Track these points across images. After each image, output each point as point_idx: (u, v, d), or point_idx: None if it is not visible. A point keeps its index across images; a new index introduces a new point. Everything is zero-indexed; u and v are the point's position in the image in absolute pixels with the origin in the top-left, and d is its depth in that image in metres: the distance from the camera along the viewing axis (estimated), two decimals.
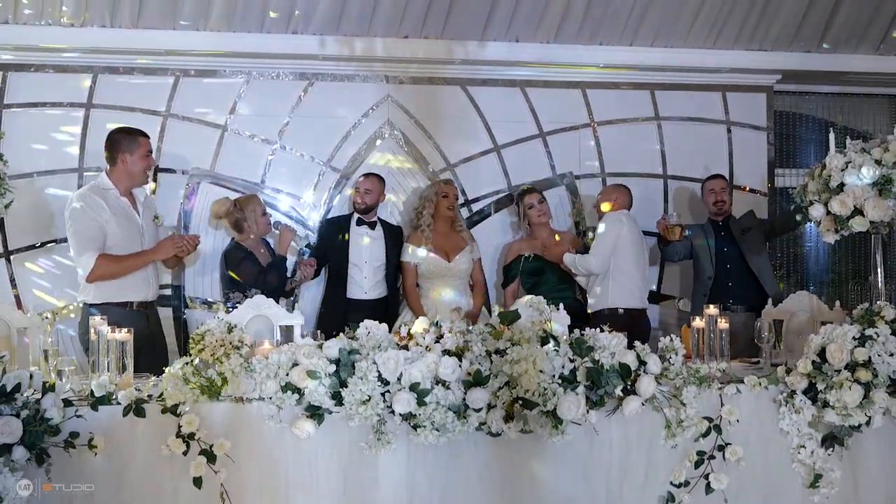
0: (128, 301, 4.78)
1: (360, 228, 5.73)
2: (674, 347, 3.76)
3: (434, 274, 5.66)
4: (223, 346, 3.64)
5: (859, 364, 3.73)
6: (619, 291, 5.53)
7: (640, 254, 5.66)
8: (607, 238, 5.54)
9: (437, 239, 5.72)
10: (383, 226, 5.82)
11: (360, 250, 5.68)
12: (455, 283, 5.70)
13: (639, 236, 5.68)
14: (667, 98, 6.49)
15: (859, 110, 7.13)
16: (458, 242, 5.78)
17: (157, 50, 5.73)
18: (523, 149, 6.33)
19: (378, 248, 5.72)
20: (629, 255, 5.55)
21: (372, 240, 5.71)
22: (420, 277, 5.71)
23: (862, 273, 7.03)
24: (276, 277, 5.27)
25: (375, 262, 5.69)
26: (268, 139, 6.04)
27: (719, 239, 5.90)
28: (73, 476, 3.34)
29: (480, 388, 3.45)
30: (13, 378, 3.25)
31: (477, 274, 5.86)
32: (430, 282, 5.69)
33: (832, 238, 4.48)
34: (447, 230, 5.79)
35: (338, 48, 5.88)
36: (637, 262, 5.60)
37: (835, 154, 4.39)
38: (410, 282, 5.71)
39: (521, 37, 6.03)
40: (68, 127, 5.80)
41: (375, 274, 5.68)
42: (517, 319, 3.70)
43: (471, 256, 5.79)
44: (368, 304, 5.59)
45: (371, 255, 5.68)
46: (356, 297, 5.64)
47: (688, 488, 3.75)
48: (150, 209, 5.03)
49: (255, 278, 5.22)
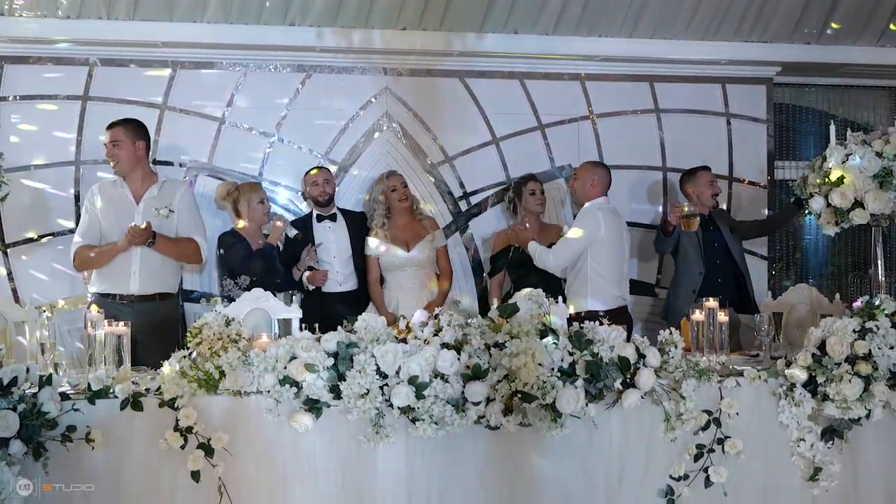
0: (110, 293, 4.83)
1: (321, 224, 5.67)
2: (673, 340, 3.75)
3: (395, 265, 5.60)
4: (221, 339, 3.63)
5: (859, 357, 3.73)
6: (596, 294, 5.20)
7: (620, 250, 5.29)
8: (577, 241, 5.19)
9: (395, 231, 5.64)
10: (344, 215, 5.75)
11: (327, 245, 5.61)
12: (417, 274, 5.63)
13: (617, 231, 5.28)
14: (666, 90, 6.46)
15: (859, 102, 7.11)
16: (419, 231, 5.69)
17: (153, 42, 5.71)
18: (522, 141, 6.31)
19: (342, 239, 5.65)
20: (605, 255, 5.21)
21: (335, 233, 5.66)
22: (383, 270, 5.65)
23: (861, 265, 7.02)
24: (260, 265, 5.27)
25: (343, 255, 5.62)
26: (265, 131, 6.02)
27: (707, 232, 5.64)
28: (71, 470, 3.34)
29: (479, 381, 3.45)
30: (10, 371, 3.25)
31: (442, 262, 5.75)
32: (391, 274, 5.63)
33: (832, 231, 4.47)
34: (407, 220, 5.71)
35: (335, 40, 5.85)
36: (614, 261, 5.25)
37: (835, 146, 4.37)
38: (373, 276, 5.64)
39: (519, 28, 6.00)
40: (65, 119, 5.77)
41: (346, 266, 5.62)
42: (516, 312, 3.69)
43: (432, 245, 5.68)
44: (343, 297, 5.56)
45: (338, 248, 5.63)
46: (331, 291, 5.59)
47: (687, 481, 3.75)
48: (161, 201, 4.93)
49: (239, 263, 5.26)
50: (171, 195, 4.98)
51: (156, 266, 4.89)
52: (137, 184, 4.96)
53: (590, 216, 5.26)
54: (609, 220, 5.24)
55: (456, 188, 6.21)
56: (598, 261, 5.20)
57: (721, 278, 5.54)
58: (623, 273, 5.33)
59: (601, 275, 5.20)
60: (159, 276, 4.93)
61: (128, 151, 4.92)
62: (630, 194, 6.35)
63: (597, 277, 5.20)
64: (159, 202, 4.92)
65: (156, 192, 4.95)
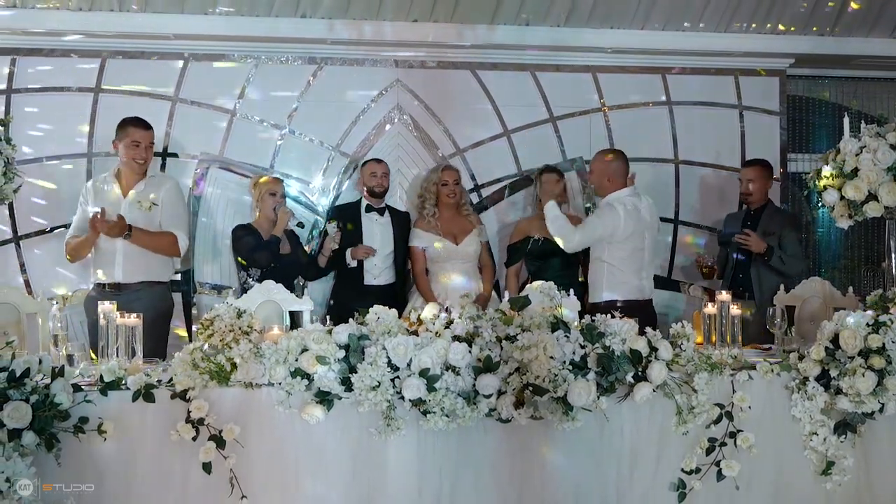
0: (99, 282, 5.07)
1: (370, 215, 5.72)
2: (685, 333, 3.74)
3: (443, 258, 5.65)
4: (232, 331, 3.63)
5: (873, 351, 3.70)
6: (613, 283, 5.14)
7: (639, 241, 5.15)
8: (596, 228, 5.12)
9: (443, 223, 5.71)
10: (391, 212, 5.81)
11: (372, 237, 5.67)
12: (464, 267, 5.69)
13: (637, 222, 5.13)
14: (679, 82, 6.43)
15: (873, 94, 7.06)
16: (465, 226, 5.76)
17: (165, 34, 5.71)
18: (533, 133, 6.29)
19: (387, 234, 5.71)
20: (623, 246, 5.11)
21: (381, 226, 5.71)
22: (429, 262, 5.70)
23: (874, 259, 6.98)
24: (264, 256, 5.31)
25: (385, 250, 5.68)
26: (277, 124, 6.02)
27: (744, 227, 5.66)
28: (82, 461, 3.34)
29: (490, 374, 3.44)
30: (22, 363, 3.26)
31: (485, 257, 5.83)
32: (439, 266, 5.68)
33: (846, 224, 4.44)
34: (453, 214, 5.77)
35: (347, 32, 5.85)
36: (632, 254, 5.14)
37: (849, 139, 4.34)
38: (420, 267, 5.70)
39: (531, 20, 5.98)
40: (77, 112, 5.79)
41: (384, 261, 5.68)
42: (528, 305, 3.69)
43: (479, 239, 5.76)
44: (378, 290, 5.58)
45: (381, 242, 5.68)
46: (366, 283, 5.63)
47: (699, 475, 3.73)
48: (148, 194, 5.09)
49: (246, 254, 5.34)
50: (156, 189, 5.14)
51: (138, 255, 5.04)
52: (130, 180, 5.13)
53: (609, 210, 5.15)
54: (629, 213, 5.12)
55: (467, 181, 6.19)
56: (616, 251, 5.13)
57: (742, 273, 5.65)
58: (643, 264, 5.19)
59: (617, 265, 5.14)
60: (144, 265, 5.08)
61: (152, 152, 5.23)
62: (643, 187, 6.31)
63: (612, 267, 5.15)
64: (144, 196, 5.09)
65: (142, 186, 5.12)
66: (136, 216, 5.02)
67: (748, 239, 5.52)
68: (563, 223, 5.22)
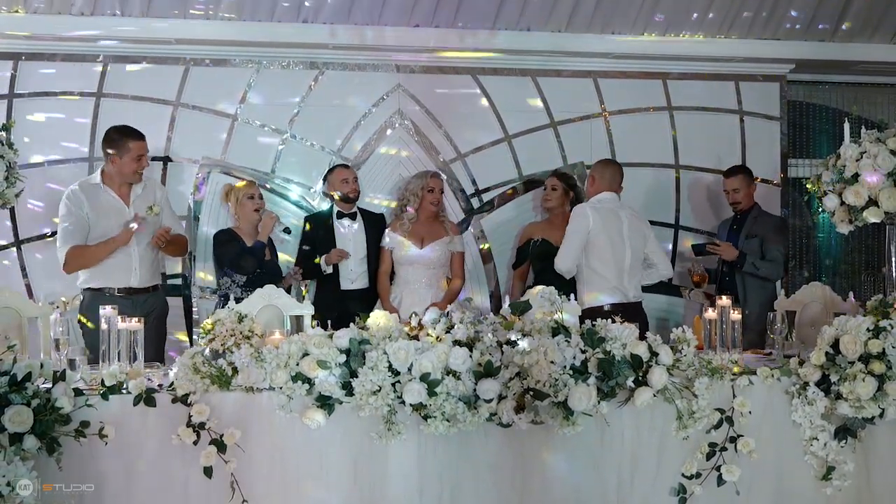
0: (107, 287, 4.96)
1: (341, 221, 5.71)
2: (686, 338, 3.74)
3: (405, 260, 5.63)
4: (233, 335, 3.64)
5: (873, 356, 3.70)
6: (593, 289, 5.13)
7: (618, 245, 5.13)
8: (571, 236, 5.14)
9: (416, 227, 5.68)
10: (363, 215, 5.79)
11: (344, 243, 5.66)
12: (427, 273, 5.64)
13: (613, 225, 5.13)
14: (679, 87, 6.44)
15: (874, 100, 7.06)
16: (437, 232, 5.71)
17: (167, 39, 5.72)
18: (534, 138, 6.30)
19: (360, 239, 5.71)
20: (599, 250, 5.11)
21: (353, 232, 5.70)
22: (395, 264, 5.69)
23: (875, 264, 6.98)
24: (250, 263, 5.29)
25: (359, 254, 5.68)
26: (278, 129, 6.03)
27: (731, 232, 5.79)
28: (83, 466, 3.35)
29: (491, 378, 3.44)
30: (24, 367, 3.26)
31: (456, 265, 5.75)
32: (402, 268, 5.66)
33: (846, 229, 4.44)
34: (429, 220, 5.74)
35: (348, 37, 5.86)
36: (611, 255, 5.11)
37: (849, 144, 4.35)
38: (383, 268, 5.69)
39: (532, 25, 6.00)
40: (79, 116, 5.80)
41: (359, 265, 5.68)
42: (528, 310, 3.69)
43: (448, 247, 5.70)
44: (356, 294, 5.61)
45: (354, 247, 5.67)
46: (343, 288, 5.64)
47: (699, 480, 3.73)
48: (146, 200, 5.05)
49: (230, 261, 5.32)
50: (153, 194, 5.14)
51: (151, 261, 5.10)
52: (122, 187, 5.04)
53: (577, 213, 5.22)
54: (601, 214, 5.13)
55: (468, 185, 6.20)
56: (592, 256, 5.14)
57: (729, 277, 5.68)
58: (625, 268, 5.16)
59: (596, 270, 5.14)
60: (153, 270, 5.14)
61: None
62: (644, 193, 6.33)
63: (590, 274, 5.16)
64: (145, 201, 5.05)
65: (139, 191, 5.07)
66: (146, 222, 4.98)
67: (718, 248, 5.60)
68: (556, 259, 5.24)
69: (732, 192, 5.80)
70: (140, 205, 5.02)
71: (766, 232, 5.69)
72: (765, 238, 5.65)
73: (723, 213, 6.33)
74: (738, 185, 5.79)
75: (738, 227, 5.79)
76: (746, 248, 5.63)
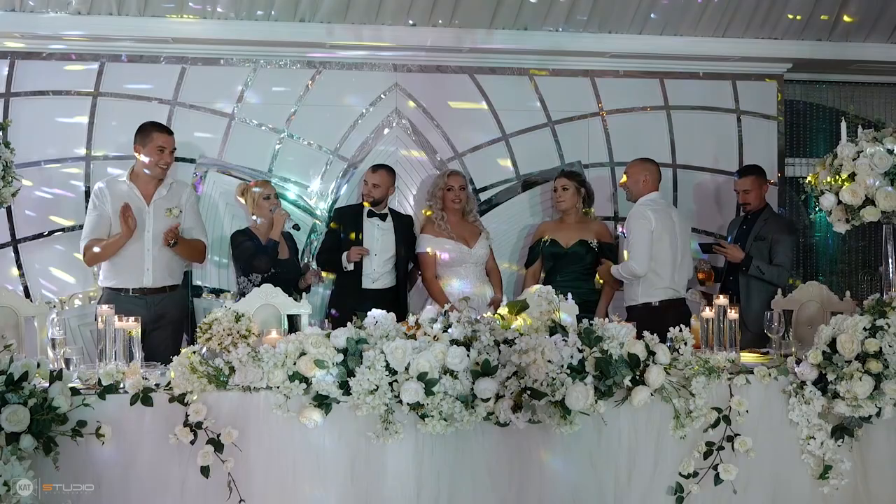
0: (122, 287, 4.99)
1: (370, 220, 5.71)
2: (683, 338, 3.74)
3: (456, 261, 5.63)
4: (231, 335, 3.64)
5: (870, 355, 3.71)
6: (647, 287, 5.24)
7: (670, 243, 5.25)
8: (639, 238, 5.19)
9: (453, 227, 5.70)
10: (393, 216, 5.80)
11: (371, 241, 5.65)
12: (474, 270, 5.69)
13: (666, 225, 5.26)
14: (676, 87, 6.44)
15: (871, 99, 7.07)
16: (474, 230, 5.77)
17: (164, 38, 5.71)
18: (532, 138, 6.30)
19: (388, 239, 5.69)
20: (658, 251, 5.21)
21: (382, 231, 5.69)
22: (439, 267, 5.67)
23: (872, 263, 6.99)
24: (263, 261, 5.28)
25: (386, 254, 5.66)
26: (275, 128, 6.02)
27: (741, 232, 5.75)
28: (80, 465, 3.35)
29: (488, 377, 3.45)
30: (20, 366, 3.26)
31: (492, 262, 5.84)
32: (451, 270, 5.64)
33: (843, 228, 4.44)
34: (459, 219, 5.77)
35: (345, 36, 5.85)
36: (664, 254, 5.22)
37: (846, 143, 4.35)
38: (430, 273, 5.65)
39: (529, 25, 5.99)
40: (75, 115, 5.79)
41: (384, 265, 5.67)
42: (526, 309, 3.69)
43: (487, 243, 5.78)
44: (376, 294, 5.57)
45: (381, 247, 5.66)
46: (364, 287, 5.63)
47: (696, 479, 3.74)
48: (170, 201, 5.08)
49: (244, 260, 5.32)
50: (178, 196, 5.15)
51: (166, 261, 5.08)
52: (148, 185, 5.09)
53: (637, 215, 5.27)
54: (658, 215, 5.24)
55: None
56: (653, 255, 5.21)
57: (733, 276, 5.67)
58: (674, 265, 5.27)
59: (653, 268, 5.21)
60: (169, 270, 5.11)
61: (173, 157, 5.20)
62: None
63: (650, 271, 5.21)
64: (168, 203, 5.08)
65: (164, 192, 5.11)
66: (164, 223, 5.00)
67: (724, 249, 5.61)
68: (622, 266, 5.30)
69: (743, 192, 5.77)
70: (161, 205, 5.05)
71: (776, 235, 5.63)
72: (774, 241, 5.60)
73: (720, 211, 6.33)
74: (750, 186, 5.74)
75: (748, 227, 5.73)
76: (754, 251, 5.59)
